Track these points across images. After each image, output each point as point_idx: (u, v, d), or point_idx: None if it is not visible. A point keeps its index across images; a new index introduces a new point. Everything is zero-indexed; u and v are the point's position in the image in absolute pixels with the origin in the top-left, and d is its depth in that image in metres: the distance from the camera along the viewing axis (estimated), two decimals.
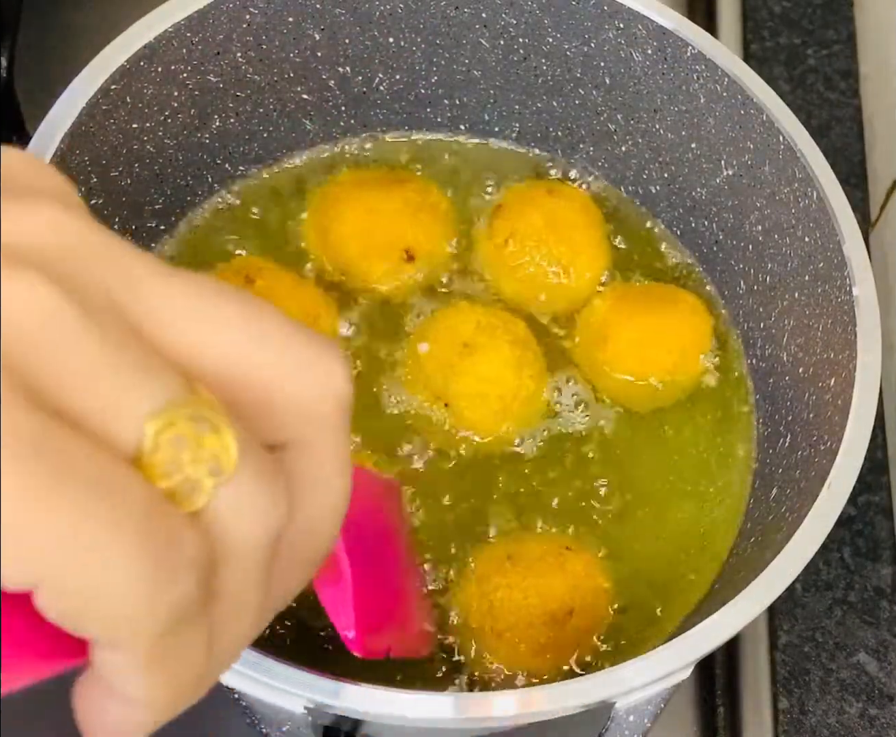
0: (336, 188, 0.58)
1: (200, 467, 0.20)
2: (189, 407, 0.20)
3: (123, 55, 0.51)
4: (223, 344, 0.21)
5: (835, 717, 0.57)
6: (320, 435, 0.22)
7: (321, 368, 0.22)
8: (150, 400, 0.20)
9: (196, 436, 0.20)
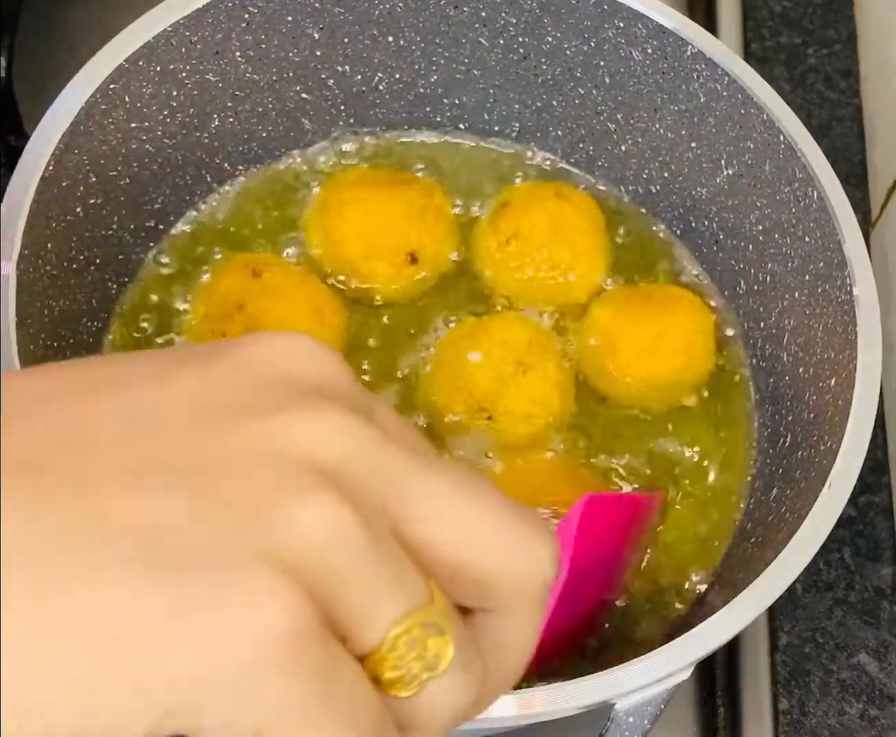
0: (339, 188, 0.58)
1: (421, 664, 0.24)
2: (426, 614, 0.24)
3: (122, 55, 0.51)
4: (457, 536, 0.25)
5: (835, 717, 0.57)
6: (523, 609, 0.26)
7: (536, 555, 0.26)
8: (398, 609, 0.23)
9: (424, 638, 0.24)
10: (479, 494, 0.26)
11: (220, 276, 0.54)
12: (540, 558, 0.26)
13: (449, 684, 0.24)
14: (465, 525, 0.25)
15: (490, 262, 0.58)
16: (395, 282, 0.57)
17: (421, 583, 0.24)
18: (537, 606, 0.26)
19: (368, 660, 0.23)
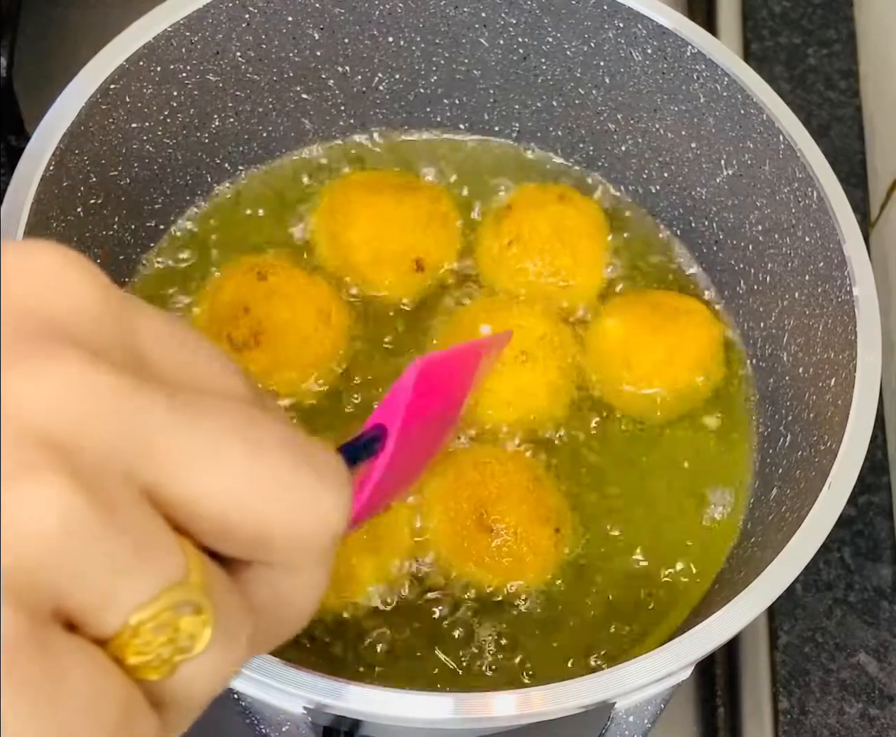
0: (346, 191, 0.58)
1: (172, 648, 0.21)
2: (177, 594, 0.21)
3: (122, 55, 0.51)
4: (229, 496, 0.22)
5: (835, 717, 0.57)
6: (308, 563, 0.24)
7: (320, 506, 0.23)
8: (139, 594, 0.21)
9: (175, 620, 0.21)
10: (254, 438, 0.23)
11: (226, 278, 0.54)
12: (325, 512, 0.23)
13: (206, 664, 0.22)
14: (232, 476, 0.22)
15: (492, 264, 0.58)
16: (400, 287, 0.56)
17: (172, 560, 0.21)
18: (322, 560, 0.24)
19: (110, 645, 0.21)
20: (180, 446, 0.22)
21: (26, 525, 0.20)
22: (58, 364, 0.21)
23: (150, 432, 0.21)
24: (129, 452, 0.21)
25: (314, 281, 0.55)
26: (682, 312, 0.56)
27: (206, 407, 0.23)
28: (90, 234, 0.52)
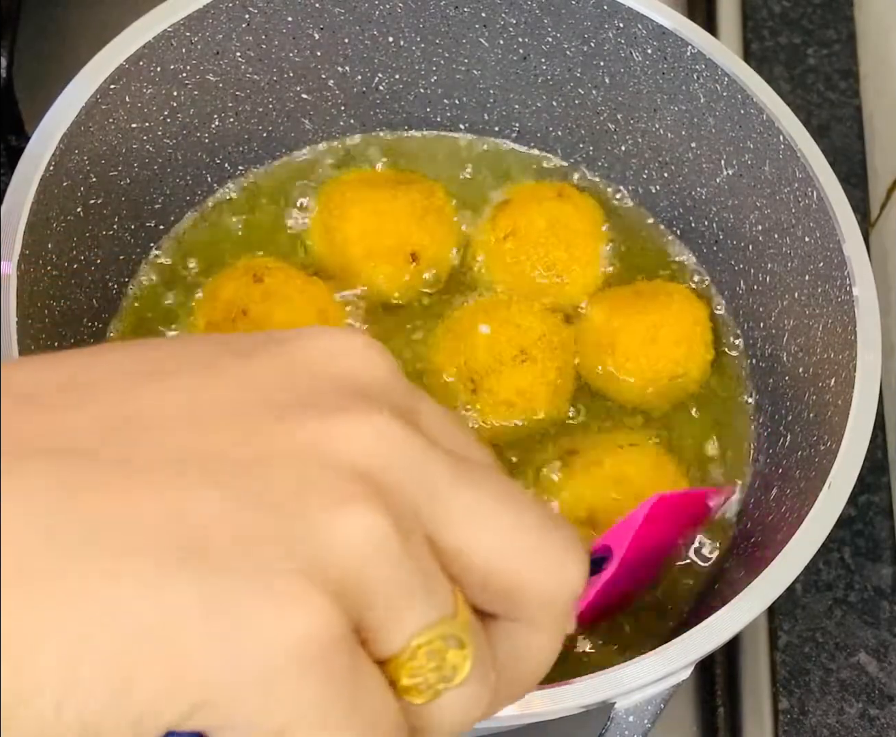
0: (342, 188, 0.58)
1: (438, 675, 0.24)
2: (449, 627, 0.24)
3: (122, 55, 0.51)
4: (491, 545, 0.25)
5: (835, 717, 0.57)
6: (547, 623, 0.27)
7: (566, 569, 0.26)
8: (423, 620, 0.24)
9: (444, 650, 0.24)
10: (517, 505, 0.26)
11: (222, 282, 0.54)
12: (570, 575, 0.26)
13: (463, 696, 0.25)
14: (500, 535, 0.25)
15: (487, 258, 0.58)
16: (396, 282, 0.57)
17: (448, 595, 0.24)
18: (561, 621, 0.27)
19: (387, 664, 0.24)
20: (460, 502, 0.25)
21: (347, 541, 0.23)
22: (371, 416, 0.25)
23: (436, 485, 0.25)
24: (420, 498, 0.25)
25: (311, 280, 0.56)
26: (663, 293, 0.56)
27: (476, 472, 0.26)
28: (90, 234, 0.52)
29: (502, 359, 0.53)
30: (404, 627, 0.24)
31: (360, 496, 0.24)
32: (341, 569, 0.23)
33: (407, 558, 0.24)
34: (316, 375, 0.26)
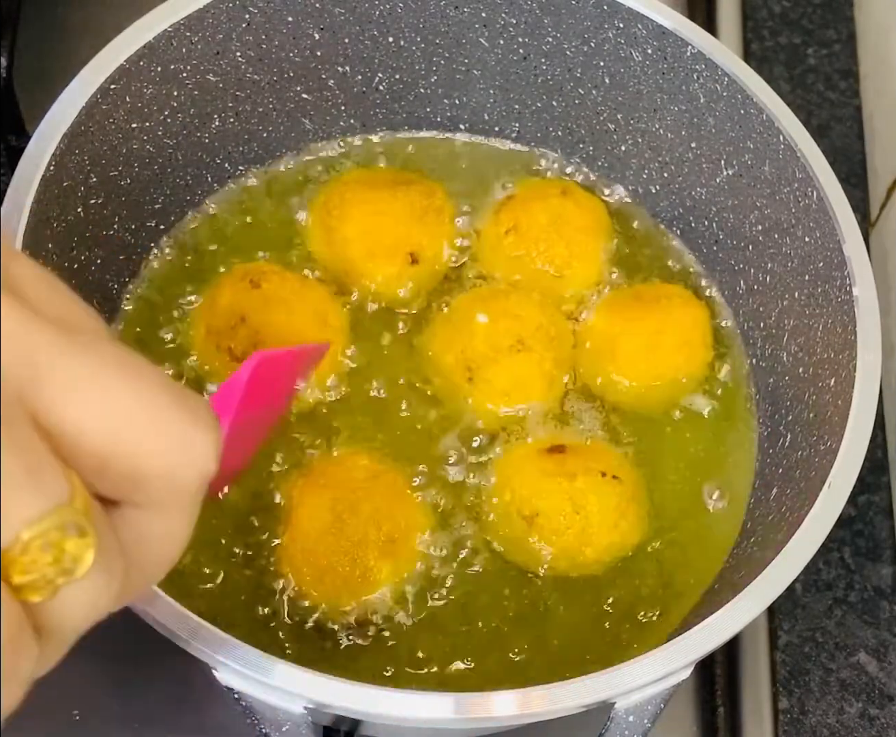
0: (341, 188, 0.58)
1: (56, 568, 0.22)
2: (64, 514, 0.22)
3: (123, 55, 0.51)
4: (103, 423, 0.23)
5: (835, 717, 0.57)
6: (175, 504, 0.25)
7: (193, 448, 0.24)
8: (32, 509, 0.22)
9: (61, 540, 0.22)
10: (134, 378, 0.24)
11: (219, 290, 0.54)
12: (198, 452, 0.24)
13: (87, 588, 0.23)
14: (112, 413, 0.23)
15: (489, 252, 0.58)
16: (396, 281, 0.57)
17: (60, 479, 0.22)
18: (191, 500, 0.25)
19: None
20: (66, 373, 0.23)
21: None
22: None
23: (40, 359, 0.22)
24: (21, 376, 0.22)
25: (309, 284, 0.56)
26: (663, 297, 0.56)
27: (87, 342, 0.24)
28: (91, 234, 0.52)
29: (499, 348, 0.54)
30: (9, 518, 0.22)
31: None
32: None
33: (6, 447, 0.21)
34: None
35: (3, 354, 0.22)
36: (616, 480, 0.51)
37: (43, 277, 0.25)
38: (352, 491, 0.49)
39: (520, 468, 0.52)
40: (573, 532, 0.50)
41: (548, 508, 0.51)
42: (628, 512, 0.51)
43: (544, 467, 0.51)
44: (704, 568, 0.52)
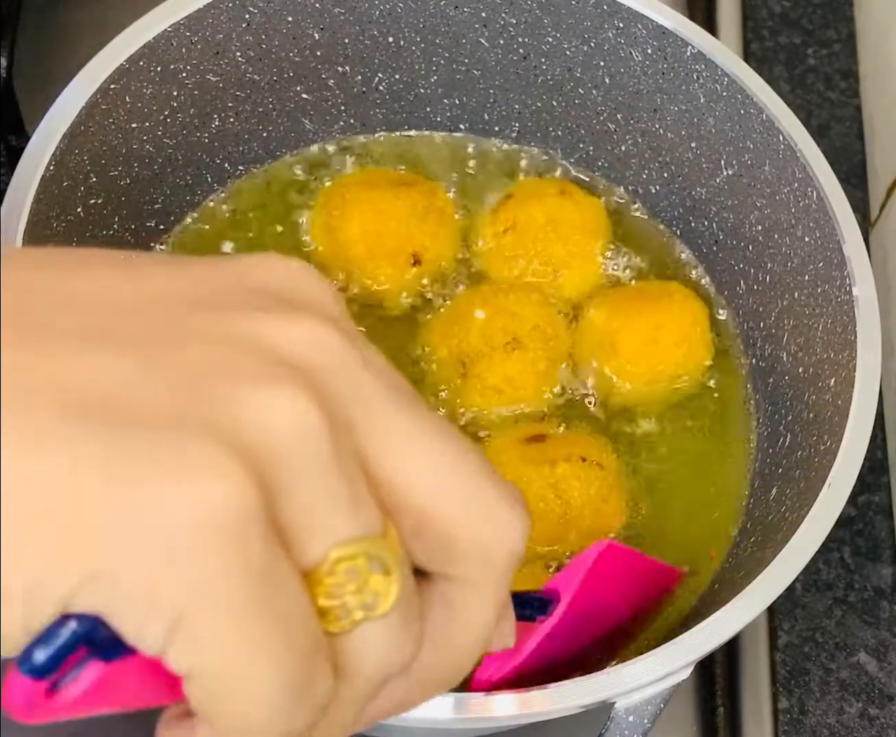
0: (343, 188, 0.58)
1: (358, 600, 0.22)
2: (374, 546, 0.22)
3: (122, 55, 0.51)
4: (430, 484, 0.23)
5: (835, 717, 0.57)
6: (486, 580, 0.24)
7: (506, 523, 0.24)
8: (346, 530, 0.22)
9: (367, 572, 0.22)
10: (459, 444, 0.24)
11: None
12: (512, 531, 0.24)
13: (383, 632, 0.23)
14: (440, 473, 0.23)
15: (487, 251, 0.58)
16: (398, 282, 0.57)
17: (376, 514, 0.22)
18: (501, 580, 0.25)
19: (305, 580, 0.22)
20: (398, 426, 0.23)
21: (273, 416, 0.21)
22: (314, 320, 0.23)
23: (372, 402, 0.23)
24: (355, 409, 0.22)
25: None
26: (663, 294, 0.57)
27: (412, 399, 0.24)
28: (90, 234, 0.52)
29: (493, 344, 0.54)
30: (325, 532, 0.21)
31: (291, 378, 0.21)
32: (262, 444, 0.21)
33: (335, 457, 0.21)
34: (251, 286, 0.24)
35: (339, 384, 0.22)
36: (597, 466, 0.51)
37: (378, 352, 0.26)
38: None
39: (499, 457, 0.52)
40: (555, 517, 0.51)
41: (529, 494, 0.51)
42: (610, 498, 0.52)
43: (524, 454, 0.52)
44: (704, 568, 0.52)
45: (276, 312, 0.23)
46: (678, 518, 0.54)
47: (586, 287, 0.58)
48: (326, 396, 0.22)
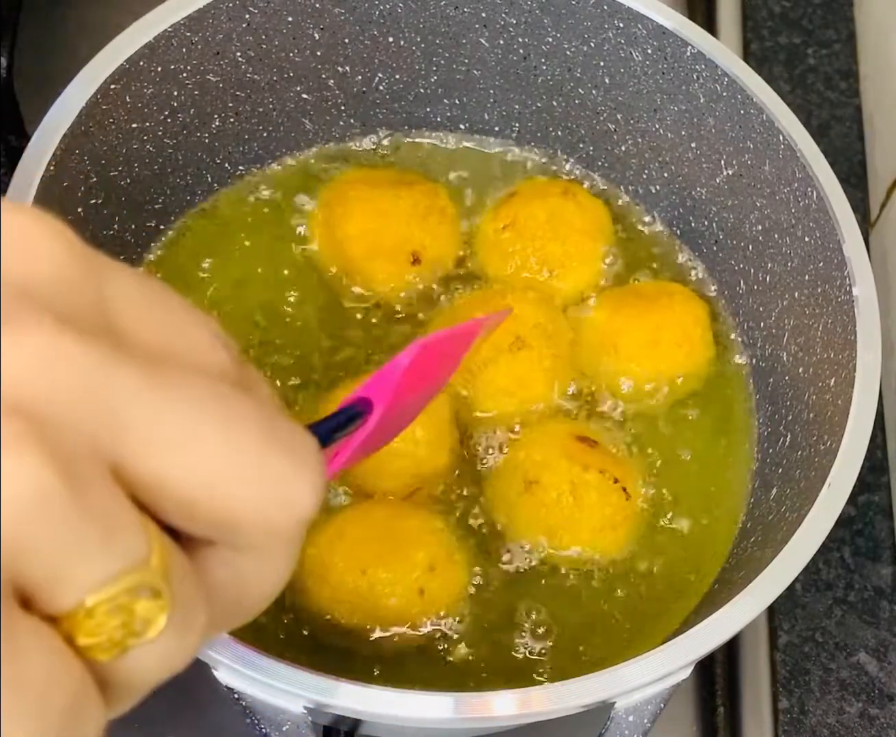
0: (345, 186, 0.58)
1: (124, 631, 0.21)
2: (137, 577, 0.21)
3: (123, 55, 0.51)
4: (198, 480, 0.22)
5: (835, 717, 0.57)
6: (274, 547, 0.24)
7: (293, 494, 0.23)
8: (100, 573, 0.20)
9: (132, 603, 0.21)
10: (228, 420, 0.22)
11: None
12: (296, 498, 0.23)
13: (157, 650, 0.22)
14: (201, 464, 0.22)
15: (486, 246, 0.58)
16: (398, 281, 0.57)
17: (136, 541, 0.21)
18: (289, 545, 0.24)
19: (61, 623, 0.21)
20: (150, 425, 0.21)
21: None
22: (28, 332, 0.20)
23: (121, 408, 0.21)
24: (99, 428, 0.21)
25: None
26: (664, 294, 0.56)
27: (179, 382, 0.22)
28: (91, 234, 0.52)
29: (499, 347, 0.54)
30: (72, 586, 0.20)
31: (13, 438, 0.19)
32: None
33: (76, 510, 0.20)
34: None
35: (76, 410, 0.20)
36: (623, 493, 0.51)
37: (145, 290, 0.23)
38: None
39: (543, 437, 0.53)
40: (558, 511, 0.51)
41: (548, 480, 0.51)
42: (618, 526, 0.51)
43: (566, 447, 0.52)
44: (704, 568, 0.52)
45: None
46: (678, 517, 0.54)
47: (582, 288, 0.58)
48: (62, 428, 0.20)
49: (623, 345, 0.55)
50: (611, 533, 0.51)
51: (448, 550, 0.50)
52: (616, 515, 0.51)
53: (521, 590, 0.51)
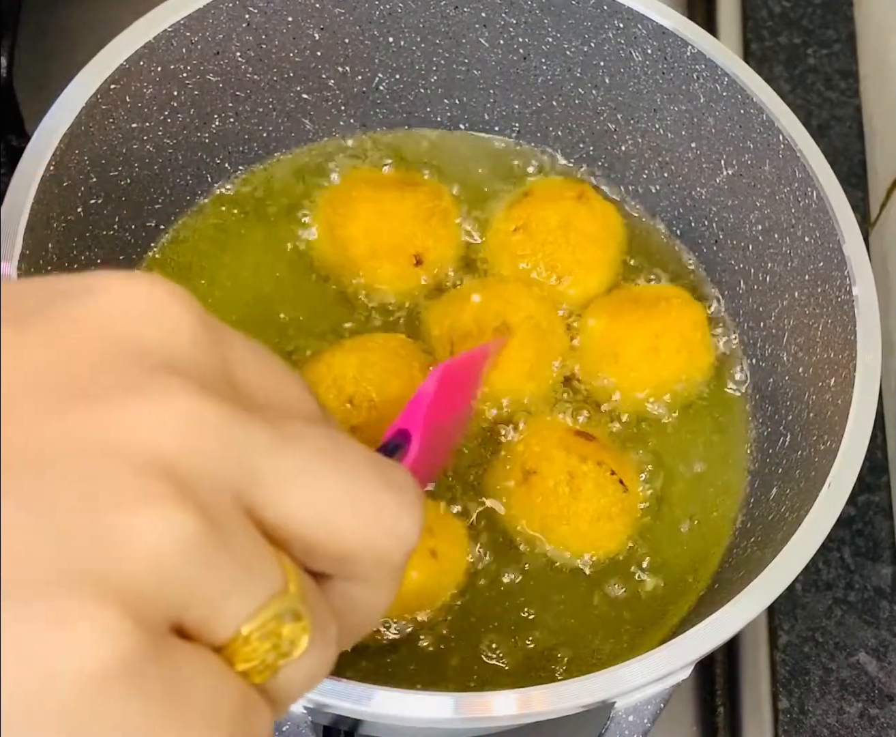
0: (348, 186, 0.58)
1: (275, 654, 0.23)
2: (280, 604, 0.23)
3: (123, 55, 0.51)
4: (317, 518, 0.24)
5: (835, 717, 0.57)
6: (383, 576, 0.26)
7: (398, 529, 0.25)
8: (249, 606, 0.23)
9: (278, 628, 0.23)
10: (343, 465, 0.25)
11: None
12: (402, 532, 0.25)
13: (304, 666, 0.24)
14: (323, 502, 0.24)
15: (497, 248, 0.58)
16: (400, 282, 0.57)
17: (274, 573, 0.23)
18: (397, 573, 0.26)
19: (221, 652, 0.23)
20: (279, 472, 0.24)
21: (146, 548, 0.21)
22: (169, 397, 0.22)
23: (254, 460, 0.23)
24: (235, 478, 0.23)
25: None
26: (662, 299, 0.56)
27: (297, 433, 0.24)
28: (91, 234, 0.52)
29: (482, 326, 0.54)
30: (228, 620, 0.22)
31: (160, 495, 0.21)
32: (138, 579, 0.21)
33: (221, 552, 0.22)
34: (107, 343, 0.23)
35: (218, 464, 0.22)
36: (621, 486, 0.51)
37: (258, 359, 0.25)
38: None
39: (542, 432, 0.53)
40: (555, 501, 0.51)
41: (546, 470, 0.51)
42: (615, 518, 0.51)
43: (564, 440, 0.52)
44: (704, 568, 0.52)
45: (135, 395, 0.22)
46: (678, 517, 0.54)
47: (591, 296, 0.57)
48: (203, 481, 0.22)
49: (623, 354, 0.55)
50: (608, 524, 0.51)
51: (446, 538, 0.50)
52: (613, 506, 0.51)
53: (520, 586, 0.51)
